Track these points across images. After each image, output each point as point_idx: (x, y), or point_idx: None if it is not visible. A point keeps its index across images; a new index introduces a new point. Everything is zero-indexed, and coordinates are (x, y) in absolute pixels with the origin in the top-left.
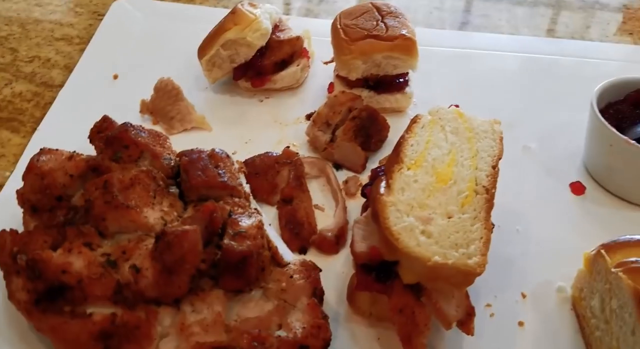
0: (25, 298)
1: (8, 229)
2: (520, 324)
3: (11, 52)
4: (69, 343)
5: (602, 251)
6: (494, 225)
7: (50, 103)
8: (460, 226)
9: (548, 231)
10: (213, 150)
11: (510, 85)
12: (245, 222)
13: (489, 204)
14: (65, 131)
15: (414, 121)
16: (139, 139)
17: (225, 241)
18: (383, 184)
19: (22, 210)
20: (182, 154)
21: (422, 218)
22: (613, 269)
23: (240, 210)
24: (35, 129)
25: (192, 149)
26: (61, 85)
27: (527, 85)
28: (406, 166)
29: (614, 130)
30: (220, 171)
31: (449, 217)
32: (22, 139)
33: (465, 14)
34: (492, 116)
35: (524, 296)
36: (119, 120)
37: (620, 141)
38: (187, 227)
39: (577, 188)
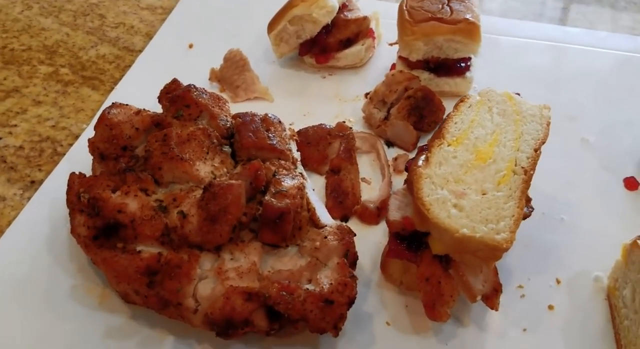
0: (85, 233)
1: (77, 173)
2: (550, 307)
3: (100, 17)
4: (118, 274)
5: (638, 241)
6: (533, 209)
7: (129, 66)
8: (494, 203)
9: (594, 222)
10: (266, 115)
11: (576, 78)
12: (288, 182)
13: (526, 185)
14: (139, 91)
15: (461, 100)
16: (200, 99)
17: (266, 197)
18: (422, 157)
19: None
20: (236, 116)
21: (456, 192)
22: None
23: (284, 172)
24: (113, 88)
25: (246, 112)
26: (141, 51)
27: (593, 79)
28: (447, 142)
29: None
30: (270, 135)
31: (483, 194)
32: (101, 96)
33: (541, 6)
34: (554, 106)
35: (558, 281)
36: None
37: None
38: (232, 181)
39: (631, 183)
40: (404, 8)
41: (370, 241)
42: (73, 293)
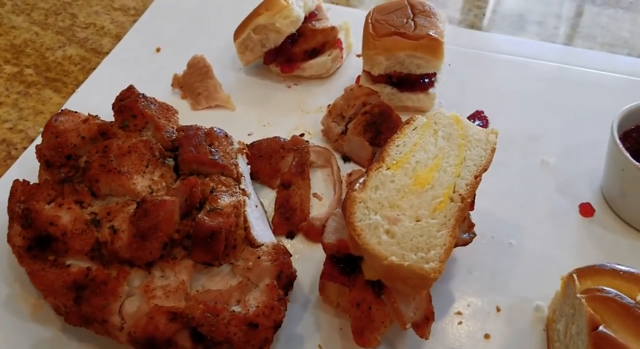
0: (19, 243)
1: (22, 180)
2: (487, 336)
3: (71, 17)
4: (45, 288)
5: (574, 275)
6: (475, 235)
7: (95, 68)
8: (426, 230)
9: (542, 248)
10: (212, 128)
11: (545, 96)
12: (225, 200)
13: (461, 212)
14: (100, 96)
15: (407, 122)
16: (147, 110)
17: (199, 215)
18: (360, 180)
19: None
20: (180, 129)
21: (390, 218)
22: (578, 295)
23: (223, 188)
24: (75, 91)
25: (191, 125)
26: (108, 53)
27: (562, 98)
28: (386, 166)
29: (627, 154)
30: (213, 149)
31: (417, 221)
32: (61, 99)
33: (519, 18)
34: (518, 125)
35: (498, 309)
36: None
37: (631, 167)
38: (166, 197)
39: (586, 210)
40: (369, 21)
41: (314, 259)
42: (7, 302)
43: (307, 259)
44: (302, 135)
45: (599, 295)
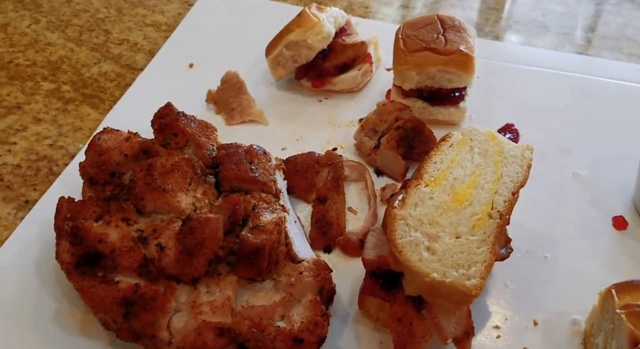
0: (68, 260)
1: (67, 197)
2: None
3: (105, 33)
4: (96, 304)
5: (613, 291)
6: (512, 250)
7: (130, 84)
8: (466, 247)
9: (577, 262)
10: (251, 146)
11: (574, 108)
12: (266, 217)
13: (500, 229)
14: (137, 112)
15: (443, 138)
16: (187, 128)
17: (243, 232)
18: (399, 197)
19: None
20: (221, 147)
21: (430, 235)
22: (617, 310)
23: (264, 205)
24: (112, 107)
25: (231, 143)
26: (142, 69)
27: (591, 110)
28: (424, 183)
29: None
30: (253, 167)
31: (457, 237)
32: (99, 115)
33: (545, 30)
34: (548, 138)
35: (535, 323)
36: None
37: None
38: (211, 215)
39: (619, 223)
40: (400, 36)
41: (352, 273)
42: (57, 317)
43: (345, 273)
44: (334, 149)
45: (638, 310)
